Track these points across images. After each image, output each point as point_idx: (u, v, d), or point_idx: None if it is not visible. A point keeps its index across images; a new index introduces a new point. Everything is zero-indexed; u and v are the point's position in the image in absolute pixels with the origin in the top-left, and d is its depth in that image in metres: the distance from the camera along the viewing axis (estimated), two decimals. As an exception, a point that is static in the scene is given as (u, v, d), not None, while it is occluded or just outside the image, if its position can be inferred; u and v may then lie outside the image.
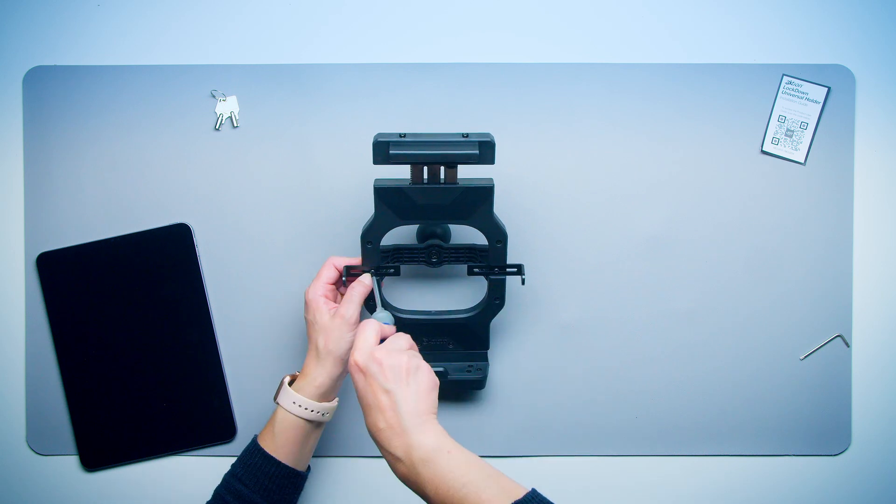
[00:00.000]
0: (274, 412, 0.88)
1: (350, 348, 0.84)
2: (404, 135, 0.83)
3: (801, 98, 0.98)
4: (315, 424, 0.89)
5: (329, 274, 0.91)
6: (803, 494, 1.00)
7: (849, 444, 1.00)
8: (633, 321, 0.99)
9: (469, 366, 0.95)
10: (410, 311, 0.95)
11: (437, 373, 0.94)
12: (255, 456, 0.87)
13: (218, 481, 0.89)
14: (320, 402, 0.87)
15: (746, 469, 1.00)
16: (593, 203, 0.99)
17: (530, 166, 0.99)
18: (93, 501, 1.00)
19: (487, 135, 0.84)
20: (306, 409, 0.87)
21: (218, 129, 0.99)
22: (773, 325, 0.99)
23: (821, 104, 0.98)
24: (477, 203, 0.86)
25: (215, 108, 0.99)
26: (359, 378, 0.78)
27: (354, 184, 0.98)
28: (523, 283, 0.90)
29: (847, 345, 0.92)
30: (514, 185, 0.98)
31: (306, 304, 0.89)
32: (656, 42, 0.99)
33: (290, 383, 0.89)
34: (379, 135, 0.83)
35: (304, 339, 0.99)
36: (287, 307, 0.99)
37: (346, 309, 0.88)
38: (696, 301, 0.99)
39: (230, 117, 0.99)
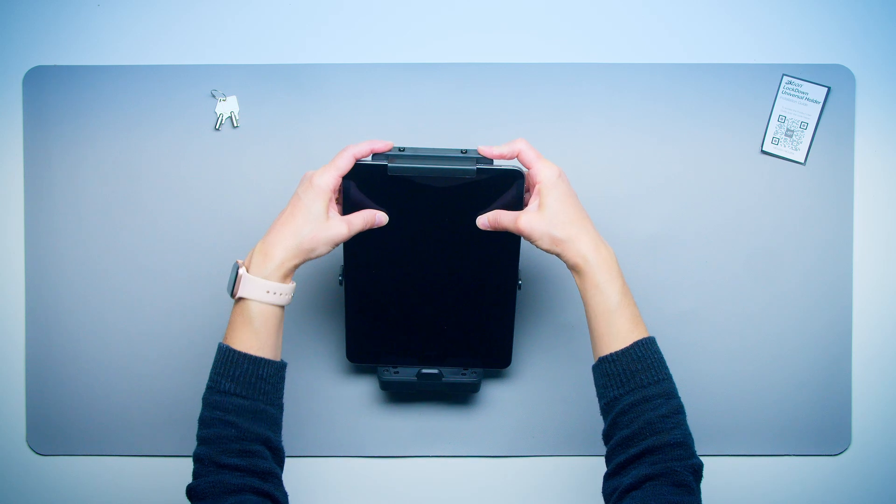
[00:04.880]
0: (239, 308, 0.79)
1: (324, 252, 0.81)
2: (403, 149, 0.83)
3: (801, 98, 0.98)
4: (282, 309, 0.81)
5: (346, 167, 0.82)
6: (803, 494, 1.00)
7: (849, 444, 1.00)
8: (633, 321, 0.99)
9: (464, 370, 0.95)
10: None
11: (431, 375, 0.94)
12: (241, 363, 0.77)
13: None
14: (288, 284, 0.80)
15: (746, 469, 1.00)
16: (593, 203, 0.99)
17: (530, 166, 0.99)
18: (92, 501, 1.00)
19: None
20: (282, 294, 0.79)
21: (218, 129, 0.99)
22: (773, 325, 0.99)
23: (821, 104, 0.98)
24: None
25: (215, 108, 0.99)
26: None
27: (354, 184, 0.98)
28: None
29: None
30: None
31: (311, 186, 0.79)
32: (656, 42, 0.99)
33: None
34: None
35: (298, 337, 0.99)
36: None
37: (355, 223, 0.82)
38: (696, 301, 0.99)
39: (230, 117, 0.99)
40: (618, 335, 0.78)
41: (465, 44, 0.99)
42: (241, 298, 0.78)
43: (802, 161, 0.98)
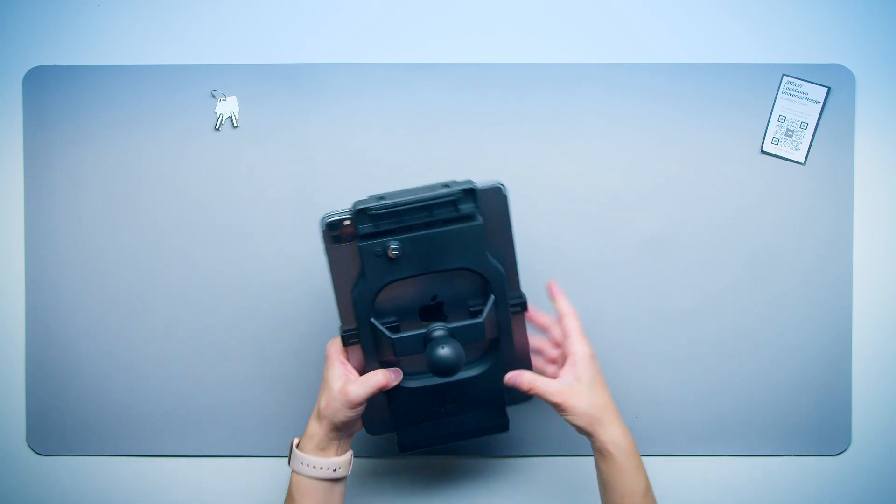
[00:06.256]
0: (291, 481, 0.85)
1: (349, 423, 0.83)
2: (383, 196, 0.80)
3: (801, 98, 0.98)
4: (332, 482, 0.84)
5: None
6: (803, 494, 1.00)
7: (849, 444, 1.00)
8: (633, 321, 0.99)
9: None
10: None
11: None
12: None
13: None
14: (329, 458, 0.83)
15: (746, 469, 1.00)
16: (593, 203, 0.99)
17: (530, 166, 0.99)
18: (92, 501, 1.00)
19: (469, 182, 0.80)
20: (315, 467, 0.83)
21: (218, 129, 0.99)
22: (773, 325, 0.99)
23: (821, 104, 0.98)
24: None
25: (215, 108, 0.99)
26: None
27: (354, 183, 0.98)
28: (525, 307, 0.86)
29: None
30: (513, 184, 0.98)
31: (326, 356, 0.85)
32: (656, 42, 0.99)
33: (299, 444, 0.85)
34: (357, 202, 0.80)
35: (298, 337, 0.99)
36: (285, 307, 0.99)
37: (356, 392, 0.81)
38: (697, 301, 0.99)
39: (230, 117, 0.99)
40: None
41: (465, 44, 0.99)
42: (292, 471, 0.85)
43: (802, 161, 0.98)
